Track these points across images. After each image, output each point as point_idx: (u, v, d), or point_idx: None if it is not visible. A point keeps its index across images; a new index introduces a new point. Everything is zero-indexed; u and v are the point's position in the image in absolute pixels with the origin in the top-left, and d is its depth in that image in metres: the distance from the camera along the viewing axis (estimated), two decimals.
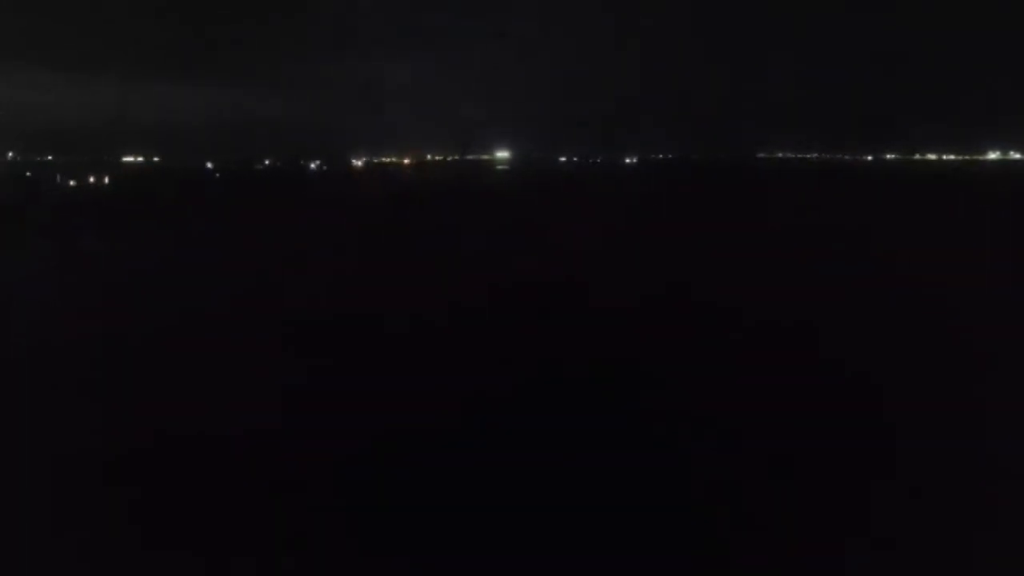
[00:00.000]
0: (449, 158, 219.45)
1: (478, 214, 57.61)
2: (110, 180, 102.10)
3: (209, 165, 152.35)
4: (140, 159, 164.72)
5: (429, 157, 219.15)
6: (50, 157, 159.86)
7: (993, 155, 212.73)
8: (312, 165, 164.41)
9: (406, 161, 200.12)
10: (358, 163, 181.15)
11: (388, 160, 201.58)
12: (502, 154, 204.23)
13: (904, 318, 20.42)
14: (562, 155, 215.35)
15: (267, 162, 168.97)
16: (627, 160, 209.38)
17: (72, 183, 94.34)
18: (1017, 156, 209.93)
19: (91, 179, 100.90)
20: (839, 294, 23.69)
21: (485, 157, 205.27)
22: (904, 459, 11.18)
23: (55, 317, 20.69)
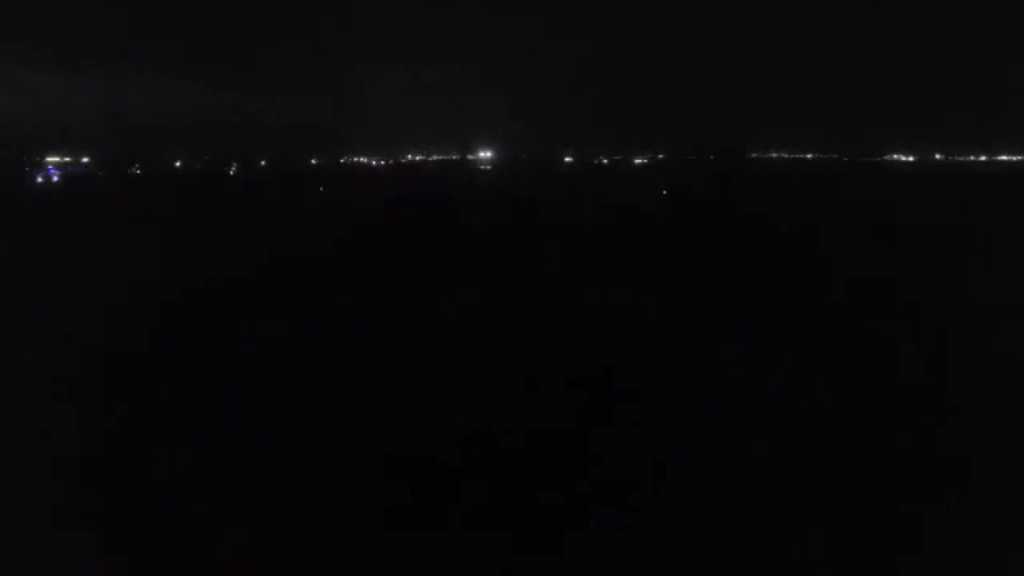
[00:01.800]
0: (431, 158, 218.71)
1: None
2: None
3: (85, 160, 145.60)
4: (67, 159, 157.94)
5: (411, 157, 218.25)
6: None
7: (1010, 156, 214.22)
8: (231, 169, 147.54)
9: (374, 163, 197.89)
10: (316, 163, 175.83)
11: (360, 160, 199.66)
12: (485, 154, 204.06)
13: None
14: (545, 155, 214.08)
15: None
16: (636, 161, 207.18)
17: None
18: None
19: None
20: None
21: (470, 157, 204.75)
22: None
23: None
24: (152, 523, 9.83)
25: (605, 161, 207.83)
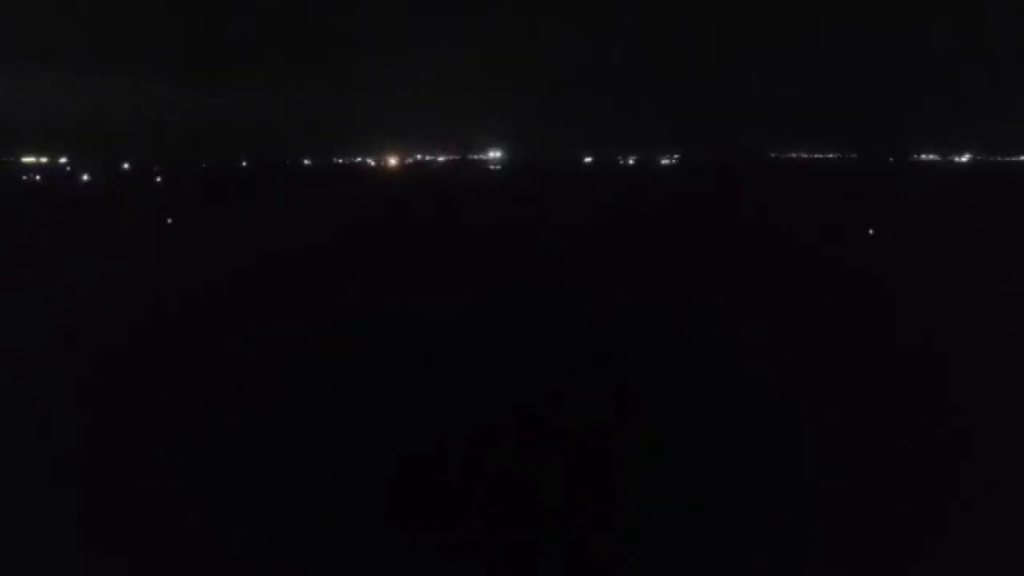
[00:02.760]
0: (440, 158, 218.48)
1: None
2: None
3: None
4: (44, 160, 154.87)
5: (420, 157, 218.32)
6: None
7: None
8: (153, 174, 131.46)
9: (373, 162, 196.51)
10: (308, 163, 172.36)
11: (362, 161, 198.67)
12: (495, 154, 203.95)
13: None
14: (561, 154, 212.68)
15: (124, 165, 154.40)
16: (663, 161, 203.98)
17: None
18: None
19: None
20: None
21: (479, 157, 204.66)
22: None
23: None
24: (151, 522, 10.08)
25: (631, 161, 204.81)
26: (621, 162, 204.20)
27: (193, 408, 14.39)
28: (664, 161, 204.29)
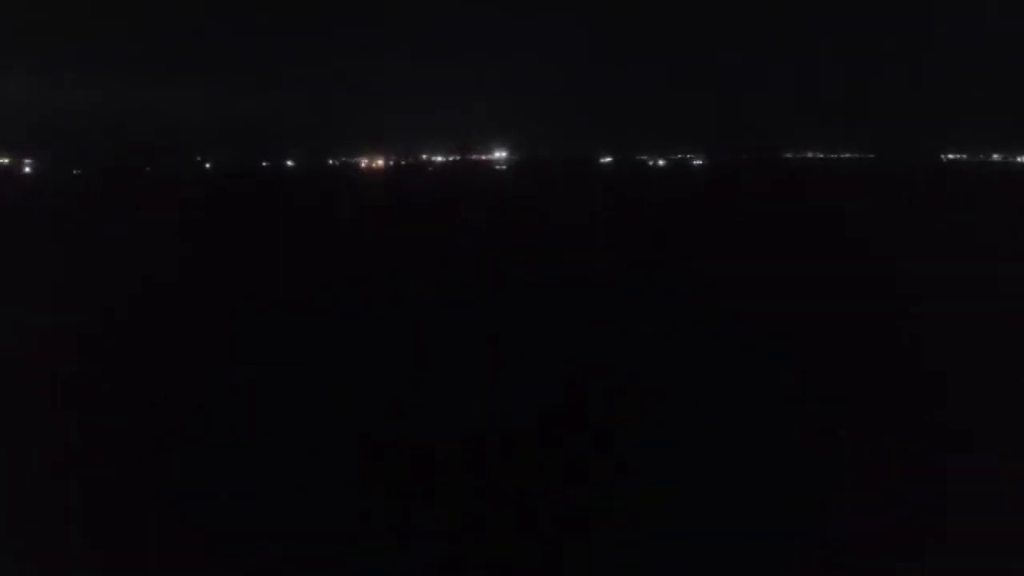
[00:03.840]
0: (443, 158, 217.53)
1: None
2: None
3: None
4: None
5: (424, 157, 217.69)
6: None
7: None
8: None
9: (374, 164, 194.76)
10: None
11: (361, 161, 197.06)
12: (500, 154, 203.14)
13: None
14: (573, 154, 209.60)
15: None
16: (695, 162, 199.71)
17: None
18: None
19: None
20: None
21: (484, 157, 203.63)
22: None
23: None
24: (144, 521, 10.28)
25: (661, 163, 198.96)
26: (650, 163, 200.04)
27: (187, 406, 14.64)
28: (696, 162, 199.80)
